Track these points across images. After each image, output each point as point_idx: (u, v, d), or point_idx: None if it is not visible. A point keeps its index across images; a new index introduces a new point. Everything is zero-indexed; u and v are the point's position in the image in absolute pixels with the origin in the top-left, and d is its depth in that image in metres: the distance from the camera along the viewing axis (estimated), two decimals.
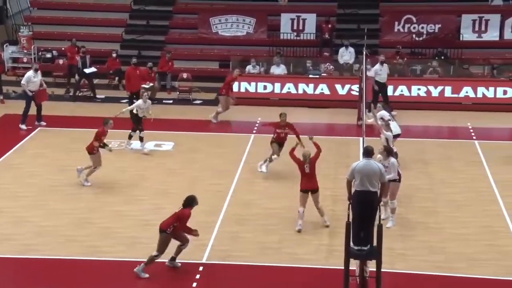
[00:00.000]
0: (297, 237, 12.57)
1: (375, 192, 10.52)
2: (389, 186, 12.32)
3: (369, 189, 10.45)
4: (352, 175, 10.45)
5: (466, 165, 15.80)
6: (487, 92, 20.04)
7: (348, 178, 10.56)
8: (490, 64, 21.29)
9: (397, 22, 23.28)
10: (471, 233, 12.55)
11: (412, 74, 21.31)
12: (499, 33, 22.66)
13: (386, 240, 11.39)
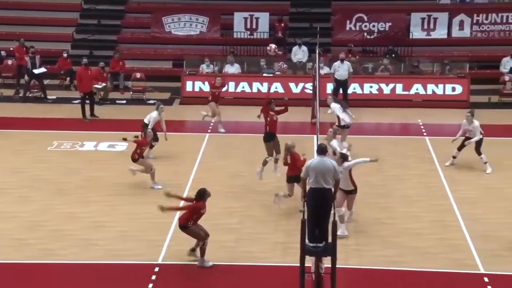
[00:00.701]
0: (253, 235, 12.62)
1: (330, 189, 10.64)
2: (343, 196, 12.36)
3: (323, 186, 10.56)
4: (306, 173, 10.55)
5: (417, 161, 16.10)
6: (437, 89, 20.45)
7: (302, 176, 10.67)
8: (439, 62, 21.71)
9: (348, 21, 23.56)
10: (423, 228, 12.81)
11: (364, 72, 21.61)
12: (447, 31, 23.14)
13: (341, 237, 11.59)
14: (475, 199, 13.98)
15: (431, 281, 11.14)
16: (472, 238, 12.31)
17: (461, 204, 13.69)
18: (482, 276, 11.12)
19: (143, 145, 14.75)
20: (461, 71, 20.92)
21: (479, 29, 23.03)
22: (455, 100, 20.28)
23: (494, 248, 11.95)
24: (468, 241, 12.25)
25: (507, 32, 22.87)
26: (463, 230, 12.67)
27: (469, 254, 11.82)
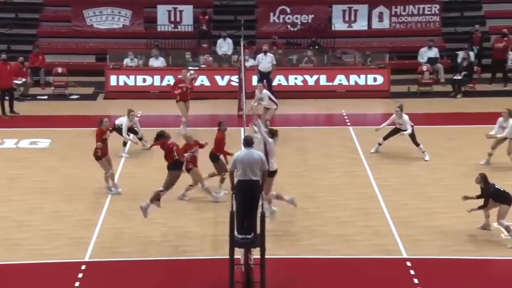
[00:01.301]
0: (181, 229, 12.62)
1: (257, 180, 10.77)
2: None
3: (251, 178, 10.68)
4: (234, 165, 10.64)
5: (342, 151, 16.46)
6: (359, 80, 20.93)
7: (230, 168, 10.75)
8: (360, 53, 22.20)
9: (272, 13, 23.75)
10: (348, 216, 13.12)
11: (289, 64, 21.85)
12: (368, 22, 23.68)
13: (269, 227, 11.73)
14: (397, 186, 14.41)
15: (357, 268, 11.44)
16: (394, 224, 12.70)
17: (384, 191, 14.10)
18: (405, 261, 11.50)
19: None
20: (382, 61, 21.48)
21: (398, 20, 23.67)
22: (376, 90, 20.81)
23: (415, 233, 12.38)
24: (391, 227, 12.64)
25: (424, 23, 23.59)
26: (386, 216, 13.06)
27: (392, 240, 12.20)
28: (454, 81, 20.76)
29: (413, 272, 11.12)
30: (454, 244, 11.97)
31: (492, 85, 21.41)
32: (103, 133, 13.85)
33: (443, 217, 12.94)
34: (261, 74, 20.17)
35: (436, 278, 11.02)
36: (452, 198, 13.68)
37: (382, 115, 19.46)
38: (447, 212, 13.13)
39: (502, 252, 11.67)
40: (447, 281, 10.93)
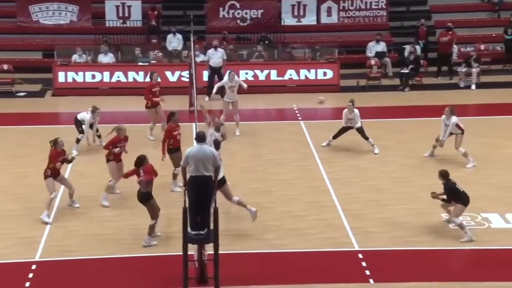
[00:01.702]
0: (133, 226, 12.52)
1: (210, 176, 10.79)
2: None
3: (203, 174, 10.69)
4: (186, 161, 10.62)
5: (293, 145, 16.58)
6: (309, 74, 21.10)
7: (182, 164, 10.72)
8: (310, 47, 22.37)
9: (221, 8, 23.72)
10: (300, 209, 13.24)
11: (239, 59, 21.87)
12: (316, 17, 23.87)
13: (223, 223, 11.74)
14: (348, 179, 14.60)
15: (310, 261, 11.54)
16: (346, 217, 12.88)
17: (336, 184, 14.27)
18: (357, 253, 11.67)
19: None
20: (331, 56, 21.70)
21: (346, 15, 23.93)
22: (326, 84, 21.00)
23: (366, 225, 12.58)
24: (343, 220, 12.81)
25: (372, 17, 23.92)
26: (338, 209, 13.22)
27: (344, 232, 12.37)
28: (401, 74, 21.12)
29: (365, 264, 11.30)
30: (404, 235, 12.20)
31: (438, 78, 21.87)
32: (58, 155, 12.79)
33: (393, 209, 13.19)
34: (212, 70, 20.15)
35: (387, 269, 11.22)
36: (401, 190, 13.97)
37: (332, 109, 19.70)
38: (396, 204, 13.38)
39: (451, 242, 11.95)
40: (398, 272, 11.13)
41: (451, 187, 12.11)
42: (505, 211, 12.88)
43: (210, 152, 10.87)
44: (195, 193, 10.69)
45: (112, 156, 13.40)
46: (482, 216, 12.71)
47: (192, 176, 10.78)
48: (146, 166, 12.04)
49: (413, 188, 14.04)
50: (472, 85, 20.76)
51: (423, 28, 22.64)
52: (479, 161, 15.12)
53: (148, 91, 16.70)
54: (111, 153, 13.40)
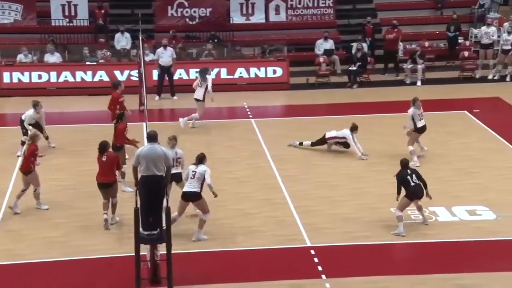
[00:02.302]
0: (83, 229, 12.37)
1: (161, 176, 10.74)
2: None
3: (155, 173, 10.63)
4: (137, 161, 10.55)
5: (245, 143, 16.62)
6: (259, 72, 21.16)
7: (134, 164, 10.65)
8: (259, 45, 22.45)
9: (170, 7, 23.57)
10: (252, 207, 13.29)
11: (189, 58, 21.78)
12: (265, 15, 23.96)
13: (175, 222, 11.73)
14: (299, 176, 14.72)
15: (263, 259, 11.60)
16: (298, 214, 12.99)
17: (288, 182, 14.37)
18: (309, 249, 11.78)
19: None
20: (280, 54, 21.82)
21: (294, 13, 24.08)
22: (276, 82, 21.11)
23: (318, 221, 12.71)
24: (295, 216, 12.92)
25: (319, 15, 24.13)
26: (290, 206, 13.33)
27: (296, 229, 12.47)
28: (350, 72, 21.39)
29: (317, 260, 11.41)
30: (356, 230, 12.38)
31: (385, 75, 22.23)
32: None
33: (345, 205, 13.36)
34: (161, 69, 20.04)
35: (339, 264, 11.36)
36: (352, 186, 14.17)
37: (282, 106, 19.85)
38: (348, 200, 13.56)
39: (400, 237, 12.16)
40: (349, 267, 11.28)
41: (401, 177, 12.27)
42: (451, 204, 13.19)
43: (162, 151, 10.81)
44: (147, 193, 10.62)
45: (33, 166, 12.97)
46: (429, 209, 12.99)
47: (144, 176, 10.70)
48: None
49: (364, 184, 14.25)
50: (417, 82, 21.18)
51: (369, 26, 22.98)
52: (425, 155, 15.44)
53: (114, 102, 15.70)
54: (32, 163, 12.93)
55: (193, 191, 11.96)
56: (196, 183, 11.95)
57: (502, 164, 15.02)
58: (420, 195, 12.26)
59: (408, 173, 12.26)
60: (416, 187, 12.18)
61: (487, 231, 12.26)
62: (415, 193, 12.20)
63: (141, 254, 10.18)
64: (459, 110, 18.48)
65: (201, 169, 11.99)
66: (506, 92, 19.99)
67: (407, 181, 12.21)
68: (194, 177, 11.95)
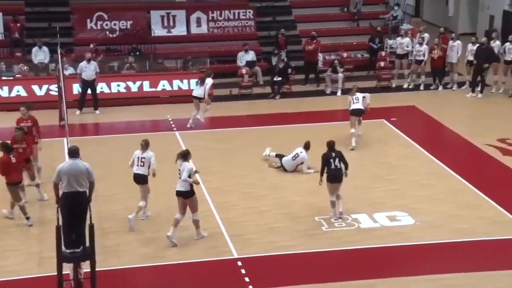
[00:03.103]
0: (4, 248, 11.98)
1: (84, 192, 10.55)
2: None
3: (77, 190, 10.44)
4: (58, 177, 10.33)
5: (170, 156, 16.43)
6: (182, 85, 21.12)
7: (54, 181, 10.42)
8: (181, 58, 22.41)
9: (89, 20, 23.23)
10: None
11: (110, 71, 21.51)
12: (186, 28, 23.97)
13: (99, 239, 11.52)
14: (225, 188, 14.76)
15: (190, 272, 11.56)
16: (224, 225, 13.02)
17: (213, 193, 14.38)
18: (236, 261, 11.81)
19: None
20: (203, 66, 21.86)
21: (215, 25, 24.21)
22: None
23: (244, 232, 12.77)
24: (222, 228, 12.94)
25: (240, 27, 24.35)
26: (216, 218, 13.34)
27: (223, 241, 12.49)
28: (273, 82, 21.65)
29: (244, 271, 11.46)
30: (281, 240, 12.51)
31: (306, 85, 22.62)
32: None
33: (270, 215, 13.48)
34: (84, 83, 19.69)
35: (265, 275, 11.43)
36: (276, 196, 14.31)
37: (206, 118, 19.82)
38: (272, 210, 13.69)
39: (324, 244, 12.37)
40: (276, 277, 11.36)
41: (326, 158, 12.94)
42: (372, 211, 13.53)
43: (84, 166, 10.63)
44: (69, 210, 10.41)
45: None
46: (352, 217, 13.29)
47: (65, 193, 10.49)
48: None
49: (287, 193, 14.42)
50: (338, 91, 21.66)
51: (282, 38, 23.32)
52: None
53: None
54: None
55: (183, 190, 12.26)
56: (184, 182, 12.23)
57: (418, 170, 15.54)
58: (340, 179, 12.96)
59: (332, 156, 12.97)
60: (337, 171, 12.90)
61: (407, 236, 12.64)
62: (335, 176, 12.89)
63: (64, 273, 9.94)
64: (377, 119, 19.01)
65: (186, 167, 12.30)
66: (420, 100, 20.73)
67: (329, 163, 12.86)
68: (180, 176, 12.27)
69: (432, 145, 16.99)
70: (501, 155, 16.37)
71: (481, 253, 12.09)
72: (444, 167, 15.64)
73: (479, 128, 18.19)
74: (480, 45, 21.16)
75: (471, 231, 12.75)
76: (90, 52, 20.39)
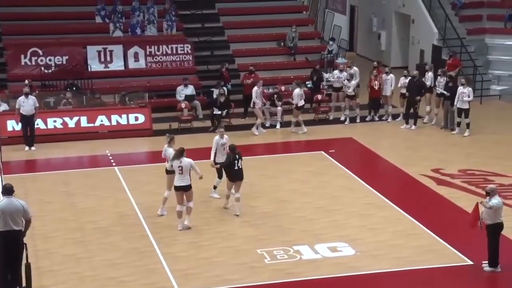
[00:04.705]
0: None
1: (20, 230, 10.36)
2: None
3: (13, 228, 10.25)
4: None
5: (109, 192, 16.30)
6: (121, 120, 20.94)
7: None
8: (119, 92, 22.28)
9: (23, 55, 22.83)
10: (120, 257, 13.01)
11: (46, 107, 21.16)
12: (124, 62, 23.87)
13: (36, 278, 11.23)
14: (164, 222, 14.61)
15: None
16: (166, 260, 12.88)
17: (154, 228, 14.23)
18: None
19: None
20: (142, 101, 21.76)
21: (153, 60, 24.19)
22: (139, 129, 20.97)
23: (186, 267, 12.66)
24: (163, 263, 12.80)
25: (178, 62, 24.40)
26: (157, 253, 13.19)
27: (165, 276, 12.35)
28: (213, 116, 21.71)
29: None
30: (223, 273, 12.46)
31: (245, 119, 22.77)
32: None
33: (211, 248, 13.43)
34: (23, 118, 19.30)
35: None
36: (217, 230, 14.28)
37: (146, 153, 19.75)
38: (215, 244, 13.64)
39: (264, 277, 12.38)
40: None
41: (231, 159, 14.54)
42: (314, 242, 13.65)
43: (20, 204, 10.47)
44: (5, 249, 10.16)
45: None
46: (294, 248, 13.37)
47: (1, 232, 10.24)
48: None
49: (228, 227, 14.41)
50: (277, 124, 21.90)
51: (226, 72, 23.52)
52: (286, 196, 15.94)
53: None
54: None
55: (184, 185, 13.80)
56: (186, 176, 13.76)
57: (357, 201, 15.80)
58: (241, 178, 14.67)
59: (236, 158, 14.55)
60: (239, 171, 14.60)
61: (347, 266, 12.80)
62: (237, 176, 14.59)
63: None
64: (316, 151, 19.30)
65: (185, 162, 13.74)
66: (357, 132, 21.18)
67: (233, 164, 14.42)
68: (182, 171, 13.71)
69: (370, 176, 17.34)
70: (435, 184, 16.84)
71: (421, 281, 12.35)
72: (382, 198, 15.97)
73: (414, 159, 18.70)
74: (412, 78, 21.85)
75: (410, 259, 13.02)
76: (29, 87, 20.01)
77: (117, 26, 24.47)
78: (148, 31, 24.75)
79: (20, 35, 23.96)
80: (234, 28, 26.07)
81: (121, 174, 17.50)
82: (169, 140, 14.93)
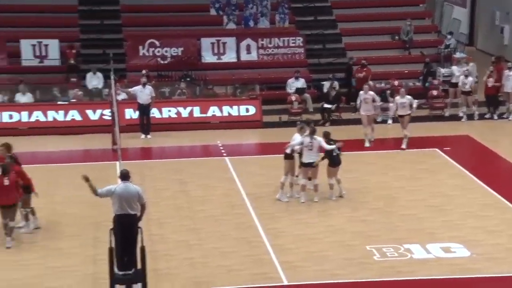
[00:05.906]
0: (58, 269, 12.13)
1: (135, 214, 10.68)
2: None
3: (128, 212, 10.58)
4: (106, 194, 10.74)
5: (219, 181, 16.56)
6: (232, 111, 21.23)
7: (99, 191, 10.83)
8: (231, 84, 22.59)
9: (141, 47, 23.63)
10: (229, 246, 13.17)
11: (162, 96, 21.80)
12: (236, 54, 24.16)
13: (151, 262, 11.58)
14: (275, 214, 14.68)
15: None
16: (274, 252, 12.91)
17: (263, 219, 14.32)
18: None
19: None
20: (253, 92, 21.96)
21: (265, 52, 24.34)
22: (249, 120, 21.18)
23: (294, 259, 12.63)
24: (271, 255, 12.84)
25: (290, 55, 24.40)
26: (266, 244, 13.25)
27: (273, 267, 12.38)
28: (323, 109, 21.57)
29: None
30: (332, 268, 12.33)
31: (356, 113, 22.41)
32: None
33: (320, 242, 13.33)
34: (140, 107, 19.99)
35: None
36: (325, 224, 14.15)
37: (256, 144, 19.91)
38: (323, 238, 13.53)
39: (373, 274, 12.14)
40: None
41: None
42: (425, 241, 13.24)
43: (135, 190, 10.81)
44: (121, 232, 10.52)
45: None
46: (404, 247, 13.02)
47: (117, 215, 10.63)
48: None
49: (336, 221, 14.24)
50: (389, 120, 21.44)
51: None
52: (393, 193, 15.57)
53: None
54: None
55: (313, 161, 14.73)
56: (315, 153, 14.67)
57: (473, 201, 15.18)
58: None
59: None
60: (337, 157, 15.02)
61: (463, 267, 12.32)
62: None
63: None
64: (430, 148, 18.71)
65: (317, 140, 14.71)
66: (474, 130, 20.34)
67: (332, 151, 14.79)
68: (312, 148, 14.67)
69: (488, 176, 16.60)
70: None
71: None
72: (501, 198, 15.25)
73: None
74: None
75: None
76: (146, 77, 20.69)
77: (231, 18, 24.82)
78: (260, 24, 24.91)
79: (138, 27, 24.81)
80: (347, 21, 25.73)
81: (231, 164, 17.73)
82: (300, 128, 15.30)
